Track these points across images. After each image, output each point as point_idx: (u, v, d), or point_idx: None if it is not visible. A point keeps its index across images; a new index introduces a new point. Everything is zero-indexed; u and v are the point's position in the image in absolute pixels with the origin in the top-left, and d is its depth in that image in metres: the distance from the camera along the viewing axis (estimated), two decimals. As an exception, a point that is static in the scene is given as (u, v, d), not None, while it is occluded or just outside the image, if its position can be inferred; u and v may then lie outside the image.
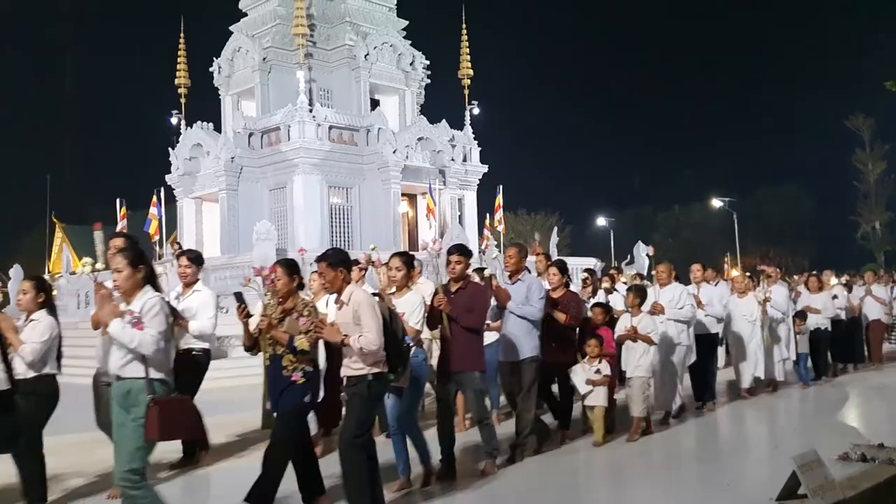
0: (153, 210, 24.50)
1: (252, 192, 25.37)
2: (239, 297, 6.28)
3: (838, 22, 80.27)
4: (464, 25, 28.71)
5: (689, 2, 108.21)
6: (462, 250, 7.29)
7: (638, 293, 9.22)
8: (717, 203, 53.66)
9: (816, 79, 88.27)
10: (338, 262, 5.76)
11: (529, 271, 8.37)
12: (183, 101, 27.21)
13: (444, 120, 27.00)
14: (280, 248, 20.61)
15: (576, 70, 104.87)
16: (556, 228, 31.36)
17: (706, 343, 10.58)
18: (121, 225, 23.32)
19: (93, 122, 75.56)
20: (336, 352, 6.34)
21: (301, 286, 6.26)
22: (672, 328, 9.64)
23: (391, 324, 5.78)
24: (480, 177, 28.27)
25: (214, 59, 27.41)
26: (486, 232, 26.76)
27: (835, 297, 14.05)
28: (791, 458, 5.35)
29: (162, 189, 25.14)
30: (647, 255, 25.94)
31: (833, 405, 10.87)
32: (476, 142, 28.27)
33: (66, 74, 73.91)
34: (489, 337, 8.52)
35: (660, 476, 7.45)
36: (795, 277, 18.83)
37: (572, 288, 10.89)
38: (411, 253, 7.16)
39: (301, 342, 5.81)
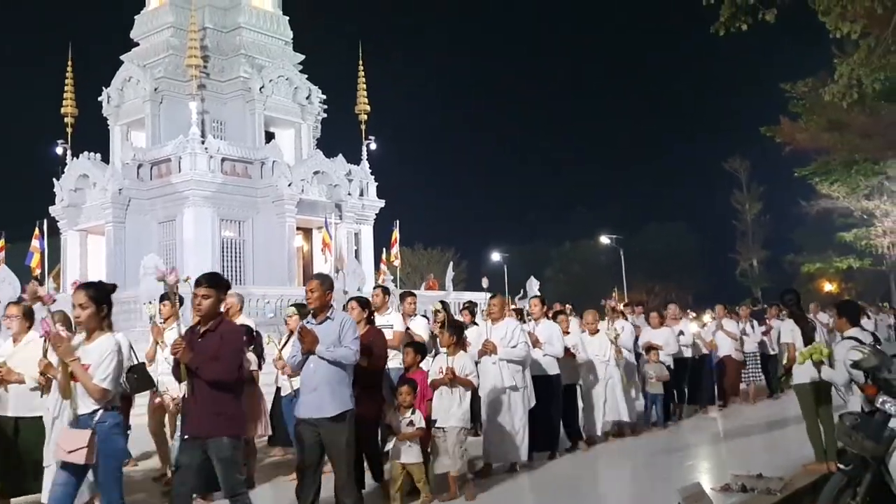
0: (35, 243, 23.43)
1: (140, 224, 24.66)
2: None
3: (719, 68, 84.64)
4: (361, 62, 28.92)
5: (584, 49, 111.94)
6: (211, 281, 5.78)
7: (454, 330, 7.92)
8: (605, 240, 55.23)
9: (698, 121, 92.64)
10: None
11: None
12: (69, 130, 26.32)
13: (340, 154, 27.01)
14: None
15: (474, 106, 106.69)
16: (451, 263, 31.58)
17: (545, 385, 9.19)
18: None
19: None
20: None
21: None
22: (506, 370, 8.41)
23: None
24: (377, 211, 28.31)
25: (104, 88, 26.67)
26: (382, 267, 26.75)
27: (681, 332, 12.92)
28: (676, 491, 5.52)
29: (45, 221, 24.15)
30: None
31: (699, 442, 10.77)
32: (373, 176, 28.34)
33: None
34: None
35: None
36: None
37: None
38: (105, 285, 5.58)
39: None
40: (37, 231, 23.63)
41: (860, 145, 29.77)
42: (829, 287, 49.89)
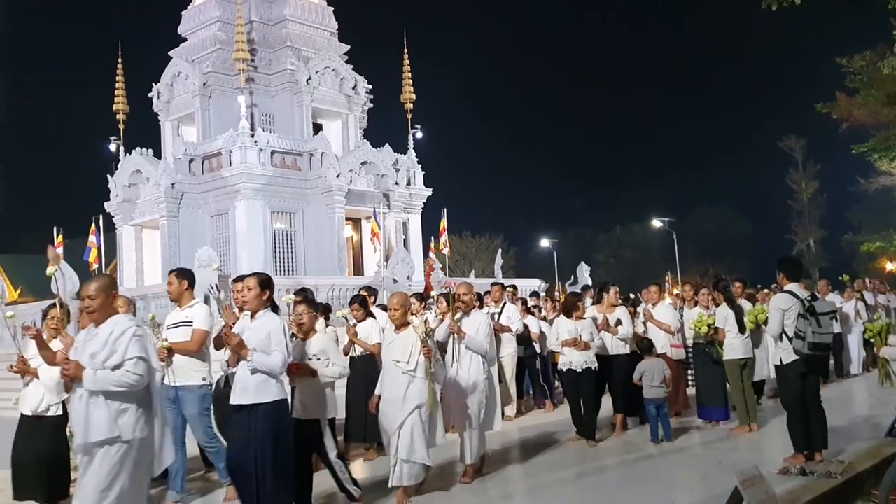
0: (92, 238, 23.98)
1: (193, 218, 25.03)
2: None
3: (772, 46, 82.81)
4: (405, 51, 28.89)
5: (631, 31, 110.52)
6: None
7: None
8: (657, 223, 54.60)
9: (750, 100, 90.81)
10: None
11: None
12: (121, 126, 26.84)
13: (387, 144, 27.05)
14: (222, 275, 20.31)
15: (519, 92, 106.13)
16: (500, 251, 31.47)
17: (246, 420, 5.81)
18: (57, 252, 22.75)
19: (26, 149, 73.77)
20: None
21: None
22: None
23: None
24: (425, 200, 28.32)
25: (153, 84, 27.09)
26: (431, 255, 26.78)
27: (618, 322, 10.10)
28: (733, 474, 5.42)
29: (101, 217, 24.67)
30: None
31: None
32: (420, 165, 28.35)
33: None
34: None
35: None
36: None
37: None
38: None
39: None
40: (93, 227, 24.16)
41: (921, 120, 28.90)
42: (890, 266, 48.58)
